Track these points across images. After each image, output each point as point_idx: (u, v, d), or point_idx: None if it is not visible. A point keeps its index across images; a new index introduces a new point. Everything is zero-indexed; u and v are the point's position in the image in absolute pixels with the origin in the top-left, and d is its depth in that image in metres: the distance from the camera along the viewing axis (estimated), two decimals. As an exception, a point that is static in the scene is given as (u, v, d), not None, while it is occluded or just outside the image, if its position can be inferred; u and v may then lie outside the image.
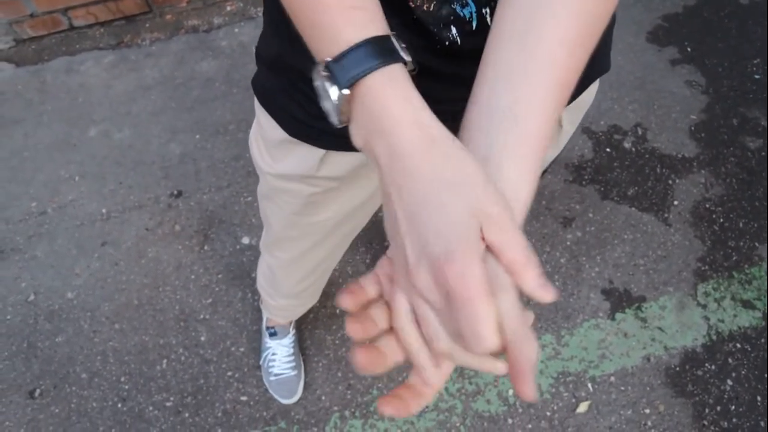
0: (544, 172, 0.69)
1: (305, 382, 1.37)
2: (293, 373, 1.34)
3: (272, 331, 1.34)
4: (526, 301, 1.49)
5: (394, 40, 0.35)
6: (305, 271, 0.93)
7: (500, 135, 0.35)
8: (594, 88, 0.63)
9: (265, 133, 0.65)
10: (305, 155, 0.62)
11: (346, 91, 0.35)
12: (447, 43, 0.46)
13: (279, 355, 1.34)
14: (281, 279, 0.98)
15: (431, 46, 0.46)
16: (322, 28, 0.36)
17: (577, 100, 0.60)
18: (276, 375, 1.34)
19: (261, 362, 1.38)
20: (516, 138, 0.35)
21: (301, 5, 0.37)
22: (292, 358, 1.35)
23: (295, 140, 0.61)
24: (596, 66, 0.58)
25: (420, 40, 0.45)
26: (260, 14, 2.12)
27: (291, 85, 0.57)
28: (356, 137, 0.37)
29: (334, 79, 0.35)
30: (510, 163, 0.35)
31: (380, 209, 0.57)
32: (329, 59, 0.35)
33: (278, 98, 0.60)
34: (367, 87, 0.34)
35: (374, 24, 0.36)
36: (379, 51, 0.34)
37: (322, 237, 0.80)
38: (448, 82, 0.48)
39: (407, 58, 0.35)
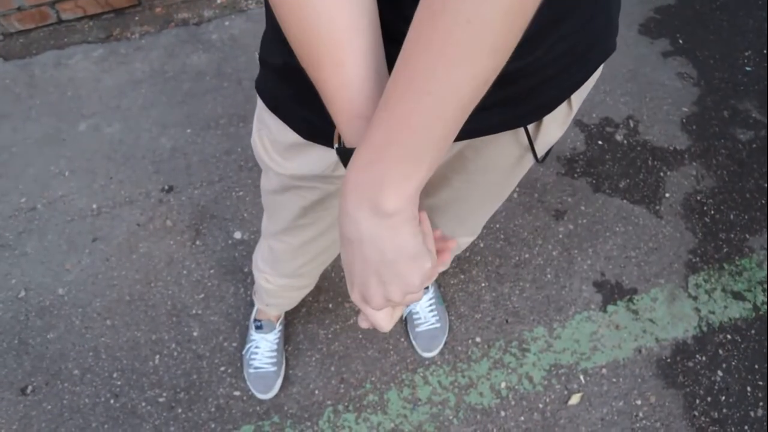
0: (546, 154, 0.68)
1: (298, 377, 1.37)
2: (272, 369, 1.34)
3: (258, 324, 1.34)
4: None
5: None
6: (314, 253, 0.92)
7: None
8: (600, 70, 0.62)
9: (275, 136, 0.64)
10: (321, 156, 0.61)
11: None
12: None
13: (262, 349, 1.34)
14: (285, 261, 0.97)
15: None
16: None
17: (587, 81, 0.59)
18: (256, 368, 1.34)
19: (243, 352, 1.38)
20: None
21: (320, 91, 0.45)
22: (275, 354, 1.35)
23: (309, 142, 0.59)
24: (602, 47, 0.57)
25: None
26: (251, 6, 2.10)
27: (305, 90, 0.55)
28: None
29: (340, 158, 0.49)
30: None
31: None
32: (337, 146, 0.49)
33: (291, 105, 0.58)
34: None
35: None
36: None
37: (333, 222, 0.79)
38: None
39: None
